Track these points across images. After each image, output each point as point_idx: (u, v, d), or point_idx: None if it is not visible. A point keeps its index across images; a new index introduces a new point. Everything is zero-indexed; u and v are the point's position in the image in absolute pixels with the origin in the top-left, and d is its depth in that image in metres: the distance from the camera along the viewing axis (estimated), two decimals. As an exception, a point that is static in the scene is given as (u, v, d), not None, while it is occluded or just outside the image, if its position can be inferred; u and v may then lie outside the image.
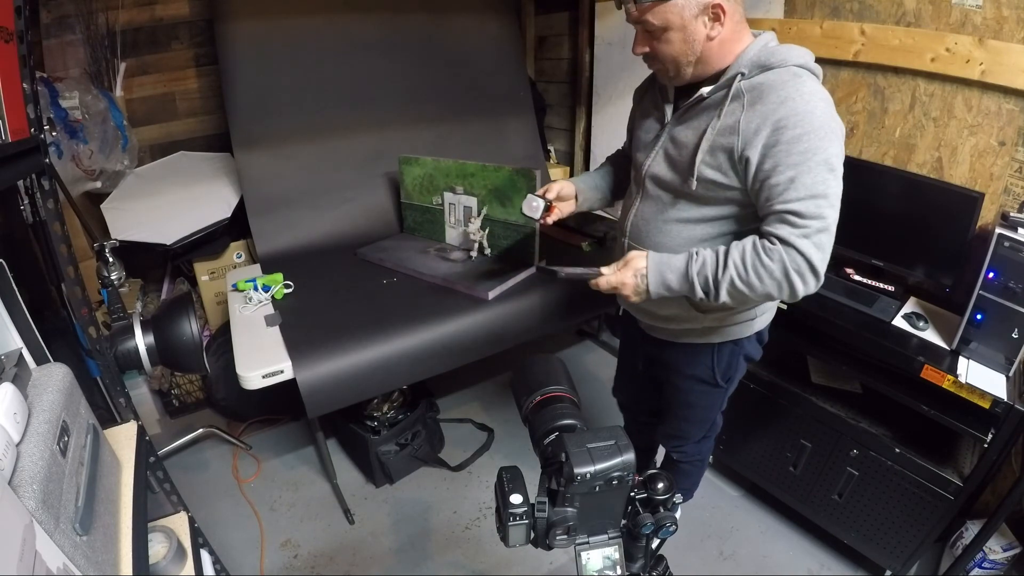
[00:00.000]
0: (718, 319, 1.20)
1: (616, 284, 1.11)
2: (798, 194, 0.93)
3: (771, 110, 0.94)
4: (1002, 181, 1.53)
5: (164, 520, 1.27)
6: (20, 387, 0.73)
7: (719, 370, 1.28)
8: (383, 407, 2.00)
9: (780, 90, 0.95)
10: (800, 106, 0.93)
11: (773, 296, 0.99)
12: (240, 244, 2.27)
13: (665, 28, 0.99)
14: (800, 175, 0.93)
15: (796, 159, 0.93)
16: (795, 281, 0.95)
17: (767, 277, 0.96)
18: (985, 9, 1.44)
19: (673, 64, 1.04)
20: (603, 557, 0.69)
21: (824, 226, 0.93)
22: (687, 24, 0.98)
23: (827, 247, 0.94)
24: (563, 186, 1.35)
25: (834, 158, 0.94)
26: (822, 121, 0.93)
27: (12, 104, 0.80)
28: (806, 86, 0.96)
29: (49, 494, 0.66)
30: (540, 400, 0.76)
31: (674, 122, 1.11)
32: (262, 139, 2.13)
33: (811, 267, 0.94)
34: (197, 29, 2.28)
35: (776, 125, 0.94)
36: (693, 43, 1.00)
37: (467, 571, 1.74)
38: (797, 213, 0.93)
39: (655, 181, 1.16)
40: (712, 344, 1.25)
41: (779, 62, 0.98)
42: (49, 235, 0.97)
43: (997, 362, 1.36)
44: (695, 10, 0.96)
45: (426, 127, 2.44)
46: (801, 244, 0.93)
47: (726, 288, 1.00)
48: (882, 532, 1.56)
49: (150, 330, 1.17)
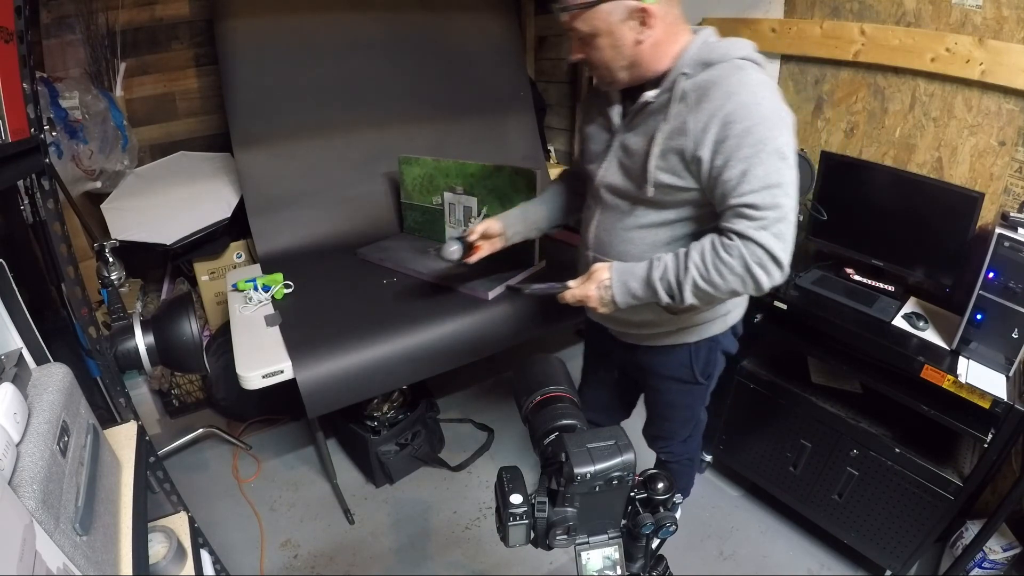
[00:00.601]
0: (691, 319, 1.20)
1: (581, 297, 1.12)
2: (752, 186, 0.92)
3: (717, 106, 0.94)
4: (1002, 181, 1.53)
5: (164, 520, 1.27)
6: (20, 387, 0.73)
7: (698, 368, 1.28)
8: (383, 407, 2.00)
9: (724, 85, 0.95)
10: (746, 98, 0.93)
11: (739, 291, 0.98)
12: (240, 244, 2.27)
13: (594, 34, 1.00)
14: (752, 167, 0.92)
15: (747, 152, 0.92)
16: (758, 274, 0.94)
17: (729, 274, 0.95)
18: (985, 9, 1.44)
19: (606, 69, 1.05)
20: (603, 557, 0.69)
21: (781, 215, 0.92)
22: (614, 30, 0.98)
23: (787, 236, 0.93)
24: (488, 224, 1.39)
25: (785, 147, 0.93)
26: (769, 111, 0.93)
27: (12, 104, 0.80)
28: (750, 78, 0.95)
29: (49, 494, 0.66)
30: (540, 400, 0.76)
31: (623, 130, 1.11)
32: (262, 139, 2.13)
33: (772, 258, 0.92)
34: (197, 29, 2.28)
35: (724, 120, 0.93)
36: (622, 48, 1.00)
37: (467, 571, 1.74)
38: (752, 205, 0.92)
39: (611, 190, 1.15)
40: (688, 344, 1.24)
41: (720, 57, 0.98)
42: (49, 235, 0.97)
43: (997, 362, 1.36)
44: (621, 15, 0.96)
45: (426, 127, 2.43)
46: (759, 236, 0.92)
47: (690, 290, 0.99)
48: (882, 532, 1.56)
49: (150, 330, 1.17)
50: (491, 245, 1.42)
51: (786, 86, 1.93)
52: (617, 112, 1.12)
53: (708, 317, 1.21)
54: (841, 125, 1.83)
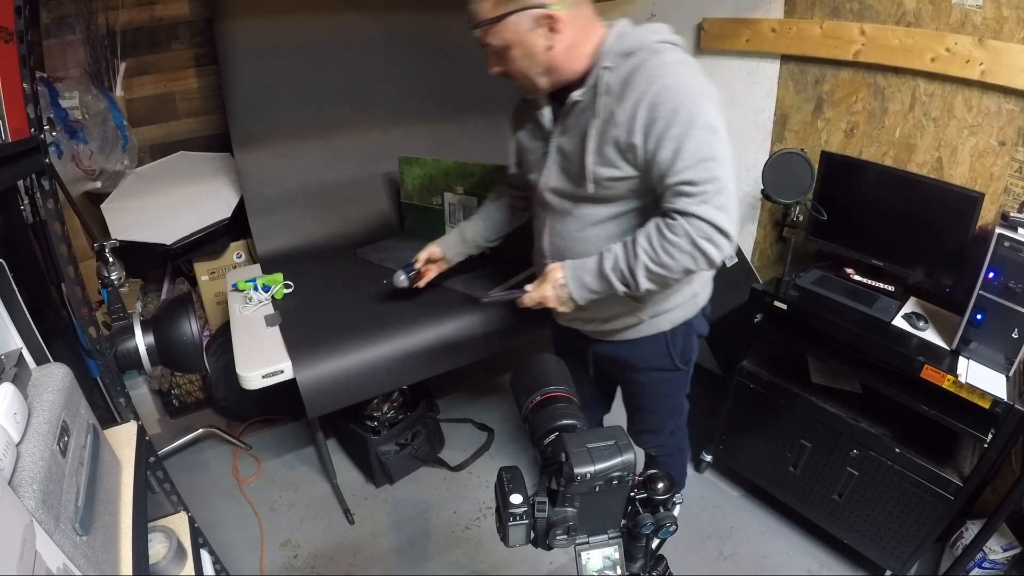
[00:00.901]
0: (660, 306, 1.20)
1: (540, 299, 1.14)
2: (686, 163, 0.93)
3: (642, 92, 0.95)
4: (1002, 181, 1.53)
5: (164, 520, 1.27)
6: (20, 387, 0.73)
7: (676, 354, 1.28)
8: (383, 407, 2.00)
9: (644, 70, 0.96)
10: (668, 80, 0.95)
11: (692, 269, 0.99)
12: (240, 244, 2.27)
13: (507, 46, 1.03)
14: (683, 144, 0.93)
15: (676, 131, 0.93)
16: (706, 248, 0.95)
17: (677, 252, 0.96)
18: (985, 9, 1.44)
19: (525, 78, 1.07)
20: (603, 557, 0.69)
21: (719, 187, 0.93)
22: (524, 39, 1.01)
23: (729, 207, 0.94)
24: (430, 250, 1.54)
25: (713, 119, 0.94)
26: (692, 88, 0.95)
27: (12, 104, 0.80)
28: (668, 58, 0.97)
29: (49, 494, 0.66)
30: (540, 400, 0.76)
31: (557, 134, 1.12)
32: (262, 139, 2.13)
33: (718, 230, 0.93)
34: (197, 29, 2.28)
35: (650, 104, 0.95)
36: (535, 56, 1.02)
37: (467, 571, 1.74)
38: (690, 182, 0.94)
39: (555, 194, 1.16)
40: (664, 332, 1.24)
41: (637, 45, 0.99)
42: (49, 235, 0.97)
43: (997, 362, 1.36)
44: (529, 25, 0.99)
45: (426, 127, 2.43)
46: (701, 210, 0.93)
47: (643, 275, 1.00)
48: (882, 532, 1.56)
49: (150, 330, 1.17)
50: (437, 267, 1.58)
51: (786, 86, 1.93)
52: (548, 117, 1.13)
53: (678, 301, 1.21)
54: (841, 125, 1.83)
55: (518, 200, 1.46)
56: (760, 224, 2.16)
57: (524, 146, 1.23)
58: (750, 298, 1.75)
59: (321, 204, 2.22)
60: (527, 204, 1.42)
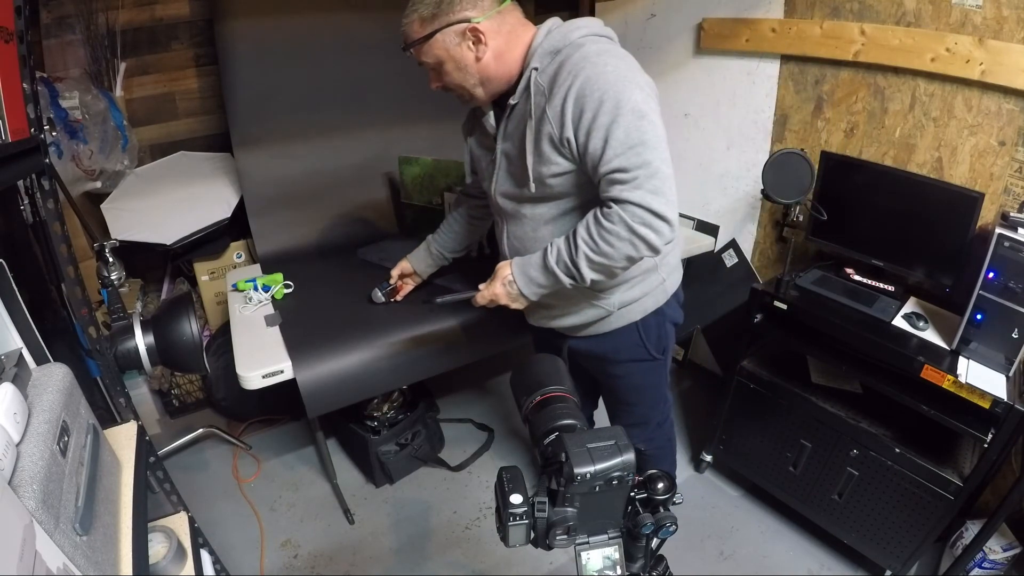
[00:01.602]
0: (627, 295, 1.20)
1: (491, 297, 1.17)
2: (615, 150, 0.94)
3: (567, 87, 0.97)
4: (1002, 181, 1.53)
5: (164, 520, 1.27)
6: (20, 387, 0.73)
7: (651, 344, 1.28)
8: (383, 407, 2.00)
9: (568, 66, 0.98)
10: (590, 71, 0.95)
11: (634, 256, 0.98)
12: (240, 244, 2.27)
13: (439, 63, 1.07)
14: (611, 132, 0.93)
15: (604, 120, 0.94)
16: (644, 233, 0.94)
17: (616, 240, 0.96)
18: (985, 9, 1.44)
19: (463, 90, 1.11)
20: (603, 557, 0.69)
21: (651, 171, 0.93)
22: (453, 54, 1.04)
23: (664, 190, 0.94)
24: (402, 266, 1.65)
25: (641, 104, 0.94)
26: (616, 75, 0.95)
27: (12, 104, 0.80)
28: (591, 50, 0.98)
29: (49, 494, 0.66)
30: (540, 400, 0.76)
31: (501, 140, 1.14)
32: (262, 139, 2.13)
33: (653, 214, 0.93)
34: (197, 29, 2.28)
35: (576, 97, 0.96)
36: (467, 68, 1.06)
37: (467, 571, 1.74)
38: (621, 169, 0.94)
39: (507, 197, 1.18)
40: (635, 322, 1.24)
41: (561, 42, 1.01)
42: (49, 235, 0.97)
43: (997, 362, 1.36)
44: (455, 39, 1.03)
45: (426, 127, 2.43)
46: (634, 196, 0.93)
47: (585, 265, 1.01)
48: (882, 532, 1.56)
49: (150, 330, 1.16)
50: (412, 280, 1.70)
51: (786, 86, 1.93)
52: (491, 124, 1.16)
53: (645, 290, 1.22)
54: (841, 125, 1.83)
55: (477, 209, 1.50)
56: (760, 224, 2.16)
57: (476, 155, 1.27)
58: (750, 298, 1.75)
59: (321, 204, 2.22)
60: (487, 212, 1.45)
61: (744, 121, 2.07)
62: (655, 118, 0.95)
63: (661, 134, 0.95)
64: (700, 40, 2.11)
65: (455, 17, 1.01)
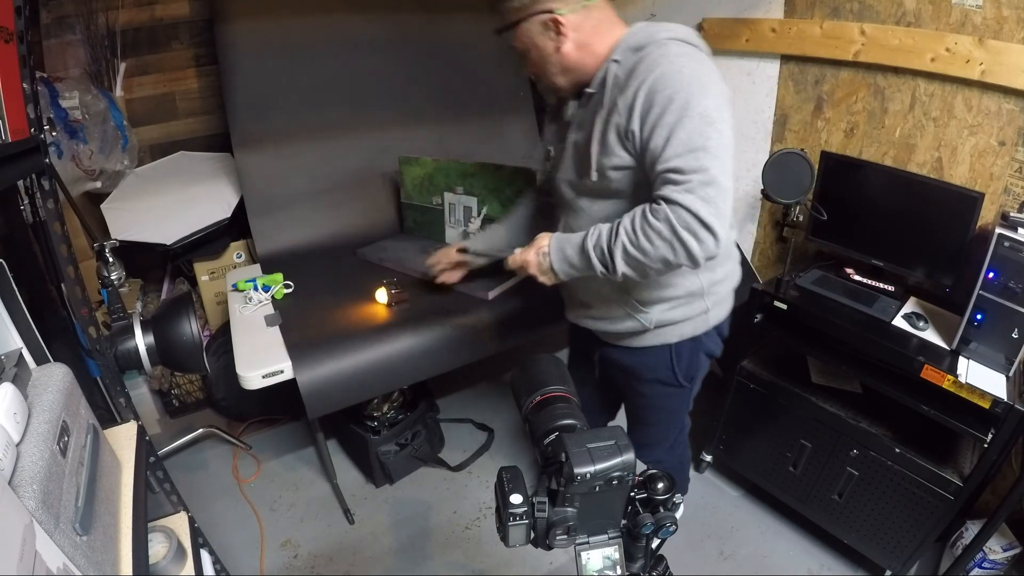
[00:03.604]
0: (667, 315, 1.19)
1: (522, 262, 1.15)
2: (675, 151, 0.92)
3: (641, 80, 0.97)
4: (1002, 181, 1.53)
5: (164, 520, 1.27)
6: (20, 387, 0.73)
7: (680, 370, 1.26)
8: (383, 407, 2.00)
9: (647, 61, 0.98)
10: (667, 69, 0.95)
11: (670, 261, 0.95)
12: (240, 244, 2.27)
13: (525, 50, 1.10)
14: (675, 132, 0.92)
15: (670, 118, 0.93)
16: (686, 239, 0.91)
17: (656, 238, 0.94)
18: (985, 9, 1.44)
19: (545, 77, 1.13)
20: (603, 557, 0.69)
21: (708, 179, 0.90)
22: (536, 42, 1.07)
23: (716, 200, 0.91)
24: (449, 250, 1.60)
25: (711, 111, 0.93)
26: (691, 77, 0.94)
27: (12, 104, 0.80)
28: (672, 50, 0.98)
29: (49, 494, 0.66)
30: (540, 400, 0.76)
31: (574, 129, 1.15)
32: (262, 139, 2.13)
33: (700, 222, 0.90)
34: (197, 29, 2.28)
35: (648, 91, 0.96)
36: (548, 56, 1.08)
37: (467, 571, 1.74)
38: (677, 170, 0.92)
39: (569, 186, 1.18)
40: (669, 344, 1.23)
41: (646, 40, 1.01)
42: (49, 235, 0.97)
43: (997, 362, 1.36)
44: (538, 28, 1.06)
45: (426, 127, 2.43)
46: (685, 199, 0.90)
47: (620, 256, 0.99)
48: (882, 532, 1.56)
49: (150, 330, 1.16)
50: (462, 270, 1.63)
51: (786, 86, 1.93)
52: (569, 113, 1.16)
53: (687, 314, 1.20)
54: (841, 125, 1.83)
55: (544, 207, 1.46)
56: (760, 224, 2.16)
57: (551, 148, 1.26)
58: (750, 298, 1.74)
59: (321, 204, 2.22)
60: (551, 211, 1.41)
61: (744, 121, 2.07)
62: (724, 128, 0.93)
63: (727, 144, 0.94)
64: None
65: (540, 7, 1.04)
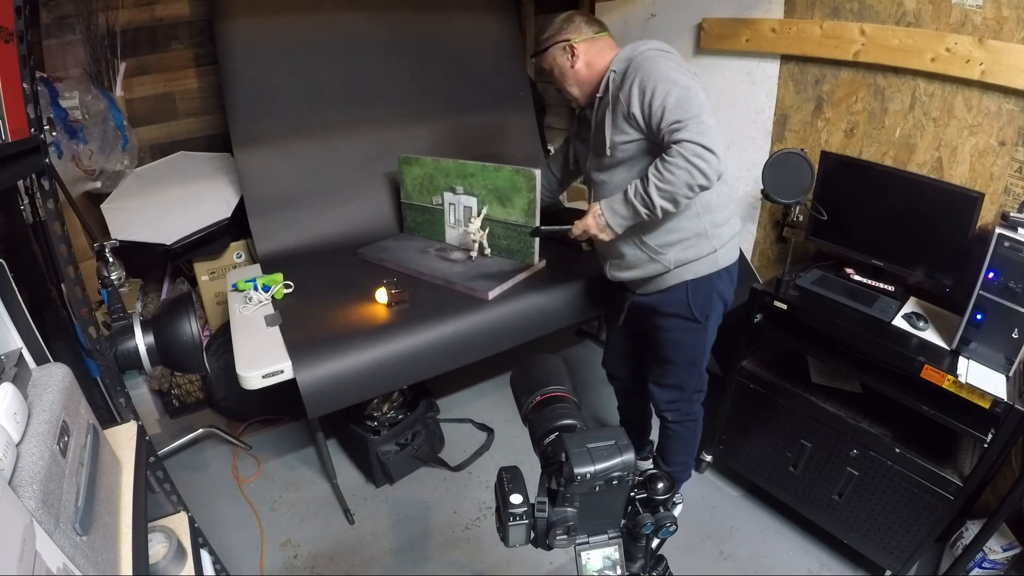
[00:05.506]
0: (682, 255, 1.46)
1: (584, 228, 1.46)
2: (671, 111, 1.24)
3: (633, 79, 1.32)
4: (1002, 181, 1.53)
5: (164, 520, 1.27)
6: (20, 387, 0.73)
7: (695, 305, 1.50)
8: (383, 407, 2.00)
9: (635, 64, 1.34)
10: (649, 66, 1.31)
11: (691, 183, 1.24)
12: (240, 244, 2.27)
13: (551, 69, 1.51)
14: (667, 101, 1.25)
15: (660, 94, 1.26)
16: (697, 162, 1.21)
17: (676, 169, 1.23)
18: (985, 9, 1.44)
19: (565, 90, 1.52)
20: (603, 557, 0.69)
21: (699, 120, 1.21)
22: (558, 62, 1.48)
23: (709, 132, 1.21)
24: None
25: (684, 83, 1.26)
26: (666, 68, 1.29)
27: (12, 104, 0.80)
28: (651, 55, 1.33)
29: (49, 494, 0.66)
30: (540, 400, 0.76)
31: (594, 129, 1.48)
32: (262, 139, 2.13)
33: (703, 147, 1.20)
34: (197, 29, 2.28)
35: (639, 85, 1.30)
36: (566, 72, 1.48)
37: (467, 571, 1.74)
38: (676, 120, 1.23)
39: (595, 168, 1.51)
40: (686, 281, 1.49)
41: (633, 53, 1.37)
42: (49, 235, 0.97)
43: (997, 362, 1.36)
44: (558, 52, 1.47)
45: (426, 127, 2.43)
46: (687, 135, 1.21)
47: (656, 194, 1.28)
48: (882, 532, 1.56)
49: (150, 330, 1.17)
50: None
51: (786, 86, 1.93)
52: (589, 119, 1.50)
53: (698, 254, 1.46)
54: (841, 125, 1.83)
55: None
56: (760, 224, 2.16)
57: (578, 150, 1.69)
58: (750, 298, 1.75)
59: (321, 204, 2.22)
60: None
61: (744, 121, 2.07)
62: (698, 91, 1.26)
63: (704, 101, 1.25)
64: (700, 40, 2.11)
65: (561, 37, 1.45)
